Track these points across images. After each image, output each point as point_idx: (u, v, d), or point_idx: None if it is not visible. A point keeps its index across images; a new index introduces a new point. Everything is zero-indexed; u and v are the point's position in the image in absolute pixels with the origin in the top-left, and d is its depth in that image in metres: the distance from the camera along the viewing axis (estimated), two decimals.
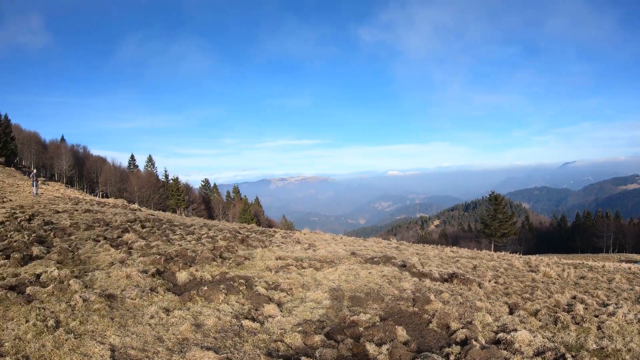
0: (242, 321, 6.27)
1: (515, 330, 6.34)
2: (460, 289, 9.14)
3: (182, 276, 8.35)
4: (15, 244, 10.34)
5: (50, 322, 5.58)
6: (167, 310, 6.48)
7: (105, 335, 5.52)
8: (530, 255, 32.19)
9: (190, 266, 9.19)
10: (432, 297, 7.78)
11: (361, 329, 6.28)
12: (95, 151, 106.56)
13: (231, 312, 6.65)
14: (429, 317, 6.98)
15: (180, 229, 14.78)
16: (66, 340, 5.20)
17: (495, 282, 10.53)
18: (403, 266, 10.89)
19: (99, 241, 10.95)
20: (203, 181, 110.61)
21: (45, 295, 6.57)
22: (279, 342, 5.76)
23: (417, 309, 7.30)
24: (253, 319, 6.46)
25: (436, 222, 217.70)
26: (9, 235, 11.56)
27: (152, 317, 6.19)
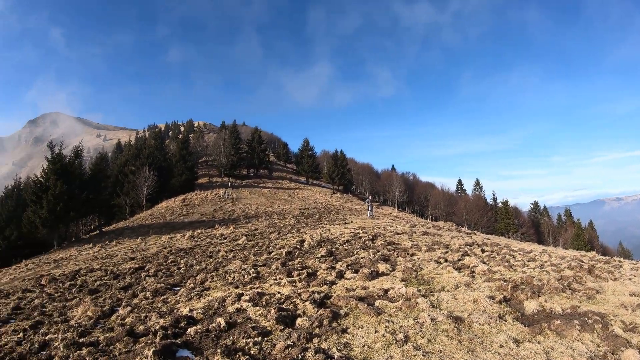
0: None
1: None
2: None
3: (530, 306, 7.79)
4: (362, 260, 11.47)
5: (399, 336, 5.73)
6: (516, 341, 5.96)
7: (453, 357, 5.32)
8: None
9: (538, 296, 8.53)
10: None
11: None
12: (423, 177, 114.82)
13: (586, 353, 5.77)
14: None
15: (520, 254, 14.08)
16: (414, 355, 5.21)
17: None
18: None
19: (441, 263, 11.24)
20: (532, 204, 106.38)
21: (393, 309, 6.88)
22: None
23: None
24: None
25: None
26: (355, 252, 12.93)
27: (501, 346, 5.77)
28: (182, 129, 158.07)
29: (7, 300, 13.57)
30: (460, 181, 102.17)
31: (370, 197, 35.93)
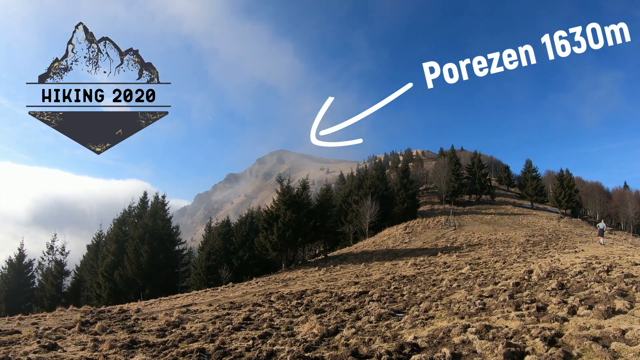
0: None
1: None
2: None
3: None
4: (596, 294, 10.58)
5: None
6: None
7: None
8: None
9: None
10: None
11: None
12: None
13: None
14: None
15: None
16: None
17: None
18: None
19: None
20: None
21: (631, 354, 6.34)
22: None
23: None
24: None
25: None
26: (589, 286, 11.91)
27: None
28: (400, 158, 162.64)
29: (239, 311, 15.75)
30: None
31: (603, 222, 33.18)
